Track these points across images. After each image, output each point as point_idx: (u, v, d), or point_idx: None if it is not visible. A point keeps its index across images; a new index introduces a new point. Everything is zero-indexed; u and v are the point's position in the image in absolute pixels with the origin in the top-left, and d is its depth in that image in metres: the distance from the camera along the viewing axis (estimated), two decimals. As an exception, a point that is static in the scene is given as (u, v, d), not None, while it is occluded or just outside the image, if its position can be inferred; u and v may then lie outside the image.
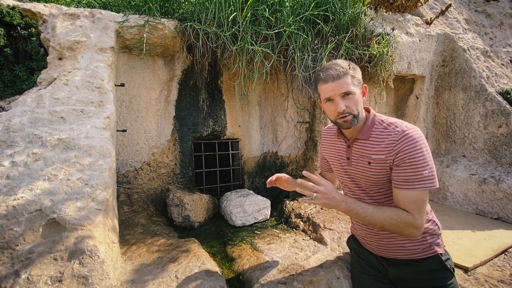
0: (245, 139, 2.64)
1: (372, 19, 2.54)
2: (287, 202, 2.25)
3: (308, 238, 1.80)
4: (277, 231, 1.93)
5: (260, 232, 1.92)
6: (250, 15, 1.92)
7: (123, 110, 2.11)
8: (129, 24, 1.87)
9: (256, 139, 2.68)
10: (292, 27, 2.00)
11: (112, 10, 1.97)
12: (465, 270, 1.56)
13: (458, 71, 2.89)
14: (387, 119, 1.12)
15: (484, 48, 3.20)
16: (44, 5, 1.78)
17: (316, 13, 2.08)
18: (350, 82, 1.05)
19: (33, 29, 1.73)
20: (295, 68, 2.10)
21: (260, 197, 2.21)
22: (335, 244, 1.68)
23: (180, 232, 1.88)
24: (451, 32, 3.10)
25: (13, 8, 1.70)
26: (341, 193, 1.10)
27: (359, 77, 1.10)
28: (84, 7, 1.96)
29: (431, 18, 3.09)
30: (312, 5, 2.05)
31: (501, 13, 3.83)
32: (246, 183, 2.65)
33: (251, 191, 2.34)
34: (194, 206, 2.00)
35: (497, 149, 2.56)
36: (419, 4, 3.06)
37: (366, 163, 1.12)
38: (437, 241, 1.14)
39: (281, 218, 2.14)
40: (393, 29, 2.62)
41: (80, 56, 1.70)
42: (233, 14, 1.87)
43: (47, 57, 1.69)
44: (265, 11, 1.97)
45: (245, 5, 1.89)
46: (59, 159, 1.34)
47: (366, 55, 2.31)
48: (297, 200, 2.28)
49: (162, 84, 2.22)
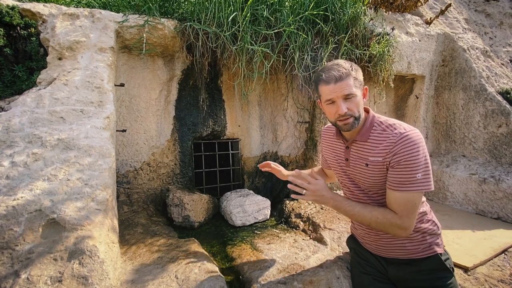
0: (245, 139, 2.64)
1: (372, 19, 2.54)
2: (287, 202, 2.25)
3: (308, 238, 1.80)
4: (277, 231, 1.93)
5: (260, 232, 1.92)
6: (250, 15, 1.92)
7: (123, 110, 2.11)
8: (129, 24, 1.87)
9: (256, 139, 2.68)
10: (292, 27, 2.00)
11: (112, 10, 1.97)
12: (465, 270, 1.56)
13: (458, 71, 2.89)
14: (386, 121, 1.11)
15: (484, 48, 3.20)
16: (44, 5, 1.78)
17: (316, 13, 2.08)
18: (352, 84, 1.04)
19: (33, 29, 1.73)
20: (295, 68, 2.10)
21: (260, 197, 2.21)
22: (335, 244, 1.68)
23: (180, 232, 1.88)
24: (451, 32, 3.10)
25: (13, 8, 1.70)
26: (332, 191, 1.14)
27: (361, 79, 1.09)
28: (84, 7, 1.96)
29: (431, 18, 3.09)
30: (312, 5, 2.05)
31: (501, 13, 3.83)
32: (246, 183, 2.65)
33: (251, 191, 2.34)
34: (194, 206, 2.00)
35: (497, 149, 2.56)
36: (419, 4, 3.06)
37: (364, 165, 1.12)
38: (437, 241, 1.14)
39: (281, 218, 2.14)
40: (393, 29, 2.62)
41: (80, 56, 1.69)
42: (233, 14, 1.87)
43: (47, 57, 1.69)
44: (265, 11, 1.96)
45: (245, 5, 1.89)
46: (59, 159, 1.34)
47: (366, 55, 2.31)
48: (297, 200, 2.28)
49: (162, 84, 2.22)
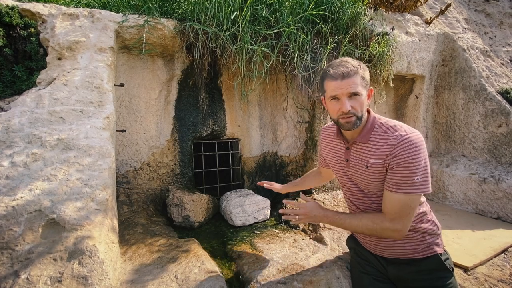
0: (245, 139, 2.64)
1: (372, 19, 2.54)
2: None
3: (308, 238, 1.80)
4: (277, 231, 1.93)
5: (260, 232, 1.92)
6: (250, 15, 1.92)
7: (123, 110, 2.11)
8: (129, 24, 1.86)
9: (256, 139, 2.67)
10: (292, 27, 2.00)
11: (112, 10, 1.97)
12: (465, 270, 1.56)
13: (458, 71, 2.89)
14: (387, 122, 1.10)
15: (484, 48, 3.20)
16: (44, 5, 1.78)
17: (316, 13, 2.08)
18: (359, 83, 1.02)
19: (33, 29, 1.73)
20: (295, 68, 2.10)
21: (260, 197, 2.21)
22: (335, 244, 1.68)
23: (180, 232, 1.88)
24: (451, 32, 3.10)
25: (12, 8, 1.69)
26: (323, 208, 1.19)
27: (368, 79, 1.07)
28: (84, 7, 1.96)
29: (431, 18, 3.09)
30: (312, 5, 2.05)
31: (501, 13, 3.83)
32: (246, 183, 2.65)
33: (251, 191, 2.34)
34: (194, 206, 2.00)
35: (497, 149, 2.56)
36: (419, 4, 3.06)
37: (364, 167, 1.12)
38: (437, 241, 1.14)
39: (281, 218, 2.13)
40: (393, 29, 2.62)
41: (80, 56, 1.69)
42: (233, 14, 1.87)
43: (47, 57, 1.69)
44: (264, 11, 1.96)
45: (245, 5, 1.89)
46: (59, 159, 1.34)
47: (366, 55, 2.31)
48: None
49: (162, 84, 2.22)
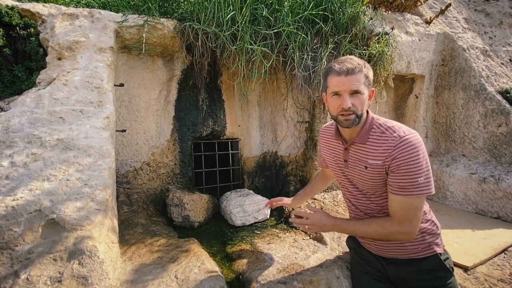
0: (245, 139, 2.64)
1: (372, 19, 2.54)
2: (287, 202, 2.25)
3: (308, 238, 1.80)
4: (277, 231, 1.93)
5: (260, 232, 1.92)
6: (249, 15, 1.92)
7: (123, 110, 2.11)
8: (128, 24, 1.86)
9: (256, 139, 2.67)
10: (291, 27, 1.99)
11: (111, 10, 1.97)
12: (465, 269, 1.56)
13: (458, 71, 2.89)
14: (385, 123, 1.09)
15: (484, 47, 3.20)
16: (43, 5, 1.78)
17: (315, 13, 2.08)
18: (362, 81, 1.02)
19: (32, 29, 1.73)
20: (295, 68, 2.10)
21: (260, 197, 2.21)
22: (335, 244, 1.69)
23: (180, 232, 1.88)
24: (451, 32, 3.10)
25: (12, 8, 1.69)
26: (332, 217, 1.20)
27: (371, 79, 1.07)
28: (83, 7, 1.96)
29: (431, 18, 3.09)
30: (311, 5, 2.05)
31: (501, 12, 3.83)
32: (246, 183, 2.65)
33: (251, 191, 2.34)
34: (194, 206, 2.00)
35: (497, 148, 2.56)
36: (419, 4, 3.06)
37: (363, 167, 1.11)
38: (436, 241, 1.14)
39: (281, 218, 2.14)
40: (393, 29, 2.62)
41: (79, 56, 1.69)
42: (231, 13, 1.86)
43: (46, 57, 1.68)
44: (264, 11, 1.96)
45: (244, 5, 1.89)
46: (59, 159, 1.34)
47: (366, 55, 2.31)
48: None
49: (162, 84, 2.22)
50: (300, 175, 2.67)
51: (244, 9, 1.87)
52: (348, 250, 1.46)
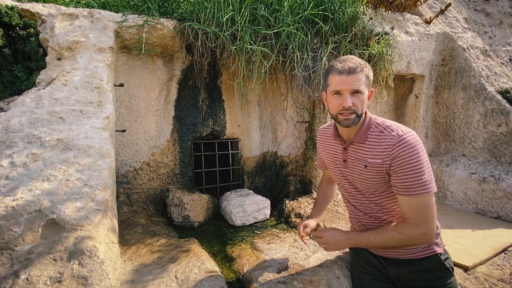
0: (245, 139, 2.64)
1: (371, 18, 2.53)
2: (287, 202, 2.25)
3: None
4: (277, 231, 1.93)
5: (260, 232, 1.92)
6: (249, 15, 1.92)
7: (123, 110, 2.11)
8: (128, 24, 1.86)
9: (256, 139, 2.67)
10: (291, 27, 1.99)
11: (111, 10, 1.97)
12: (465, 269, 1.56)
13: (458, 70, 2.89)
14: (383, 122, 1.10)
15: (484, 47, 3.20)
16: (43, 5, 1.78)
17: (315, 13, 2.08)
18: (363, 81, 1.03)
19: (32, 30, 1.73)
20: (295, 68, 2.09)
21: (260, 197, 2.21)
22: (335, 244, 1.68)
23: (180, 232, 1.88)
24: (451, 31, 3.10)
25: (12, 8, 1.69)
26: (345, 232, 1.17)
27: (371, 79, 1.08)
28: (83, 7, 1.96)
29: (431, 17, 3.09)
30: (311, 5, 2.05)
31: (501, 12, 3.83)
32: (246, 183, 2.65)
33: (251, 191, 2.34)
34: (194, 206, 2.00)
35: (497, 148, 2.56)
36: (419, 3, 3.06)
37: (363, 167, 1.11)
38: (436, 241, 1.14)
39: (281, 218, 2.14)
40: (393, 29, 2.62)
41: (79, 56, 1.69)
42: (231, 14, 1.86)
43: (46, 58, 1.68)
44: (264, 11, 1.96)
45: (245, 5, 1.89)
46: (58, 160, 1.33)
47: (366, 55, 2.31)
48: (297, 200, 2.28)
49: (162, 84, 2.22)
50: (300, 175, 2.67)
51: (244, 9, 1.87)
52: (348, 250, 1.46)
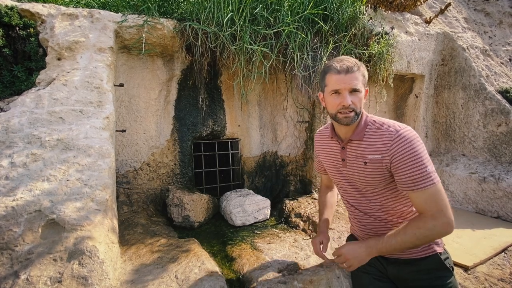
0: (245, 139, 2.64)
1: (371, 18, 2.53)
2: (287, 202, 2.25)
3: (308, 238, 1.80)
4: (277, 231, 1.93)
5: (260, 232, 1.92)
6: (249, 15, 1.92)
7: (122, 110, 2.11)
8: (128, 24, 1.86)
9: (256, 139, 2.67)
10: (291, 27, 1.99)
11: (111, 10, 1.97)
12: (465, 269, 1.56)
13: (458, 70, 2.89)
14: (379, 120, 1.13)
15: (484, 47, 3.20)
16: (43, 5, 1.78)
17: (315, 12, 2.08)
18: (360, 80, 1.06)
19: (32, 30, 1.72)
20: (295, 68, 2.09)
21: (260, 197, 2.21)
22: (335, 244, 1.68)
23: (180, 232, 1.88)
24: (451, 31, 3.10)
25: (12, 9, 1.69)
26: (360, 244, 1.11)
27: (366, 78, 1.11)
28: (83, 7, 1.96)
29: (431, 17, 3.09)
30: (311, 5, 2.05)
31: (500, 12, 3.83)
32: (246, 183, 2.65)
33: (251, 191, 2.34)
34: (194, 206, 2.00)
35: (497, 148, 2.56)
36: (418, 3, 3.06)
37: (362, 163, 1.12)
38: (436, 240, 1.14)
39: (281, 218, 2.14)
40: (392, 28, 2.62)
41: (79, 56, 1.69)
42: (230, 14, 1.86)
43: (46, 58, 1.68)
44: (264, 11, 1.96)
45: (244, 5, 1.89)
46: (58, 160, 1.33)
47: (366, 55, 2.31)
48: (297, 200, 2.28)
49: (161, 84, 2.22)
50: (300, 175, 2.67)
51: (242, 9, 1.87)
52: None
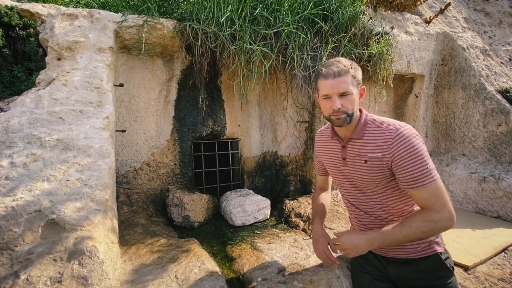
0: (245, 139, 2.64)
1: (371, 18, 2.53)
2: (287, 202, 2.25)
3: (308, 238, 1.80)
4: (277, 231, 1.93)
5: (260, 232, 1.92)
6: (249, 15, 1.92)
7: (122, 110, 2.11)
8: (128, 24, 1.86)
9: (256, 139, 2.67)
10: (291, 27, 1.99)
11: (111, 10, 1.97)
12: (465, 269, 1.56)
13: (458, 70, 2.89)
14: (379, 118, 1.14)
15: (483, 47, 3.20)
16: (43, 6, 1.78)
17: (315, 12, 2.08)
18: (350, 82, 1.06)
19: (32, 30, 1.72)
20: (295, 68, 2.09)
21: (260, 197, 2.21)
22: (335, 244, 1.68)
23: (180, 232, 1.88)
24: (450, 31, 3.10)
25: (11, 9, 1.69)
26: (361, 233, 1.10)
27: (359, 78, 1.11)
28: (83, 7, 1.96)
29: (430, 17, 3.09)
30: (311, 4, 2.05)
31: (500, 12, 3.83)
32: (246, 183, 2.65)
33: (251, 191, 2.34)
34: (194, 206, 2.00)
35: (497, 148, 2.56)
36: (418, 3, 3.06)
37: (363, 162, 1.13)
38: (436, 240, 1.14)
39: (281, 218, 2.14)
40: (392, 28, 2.62)
41: (79, 57, 1.69)
42: (229, 14, 1.86)
43: (46, 58, 1.68)
44: (264, 10, 1.96)
45: (244, 5, 1.89)
46: (58, 160, 1.33)
47: (366, 54, 2.31)
48: (297, 200, 2.28)
49: (161, 84, 2.22)
50: (300, 175, 2.67)
51: (242, 9, 1.87)
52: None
